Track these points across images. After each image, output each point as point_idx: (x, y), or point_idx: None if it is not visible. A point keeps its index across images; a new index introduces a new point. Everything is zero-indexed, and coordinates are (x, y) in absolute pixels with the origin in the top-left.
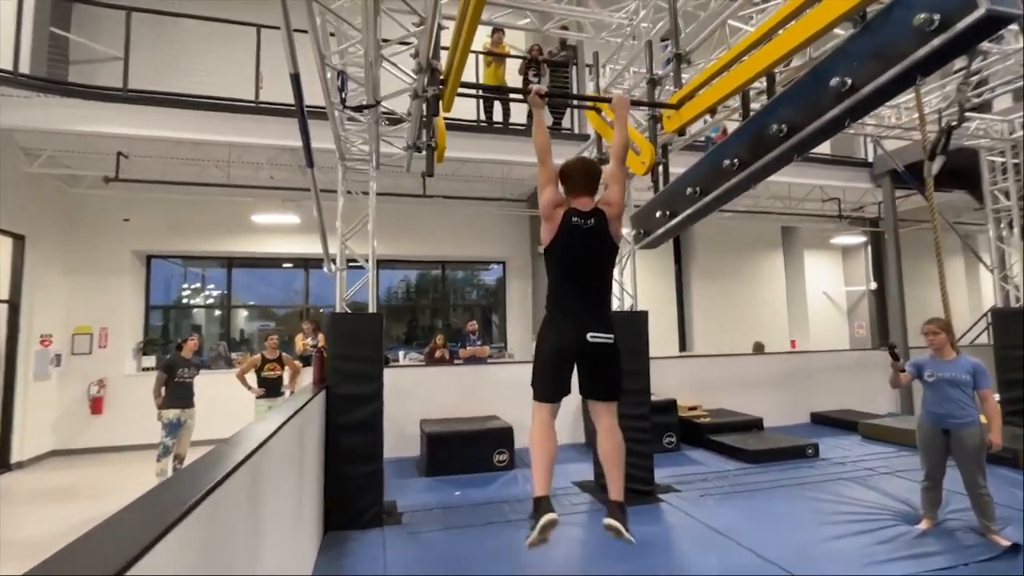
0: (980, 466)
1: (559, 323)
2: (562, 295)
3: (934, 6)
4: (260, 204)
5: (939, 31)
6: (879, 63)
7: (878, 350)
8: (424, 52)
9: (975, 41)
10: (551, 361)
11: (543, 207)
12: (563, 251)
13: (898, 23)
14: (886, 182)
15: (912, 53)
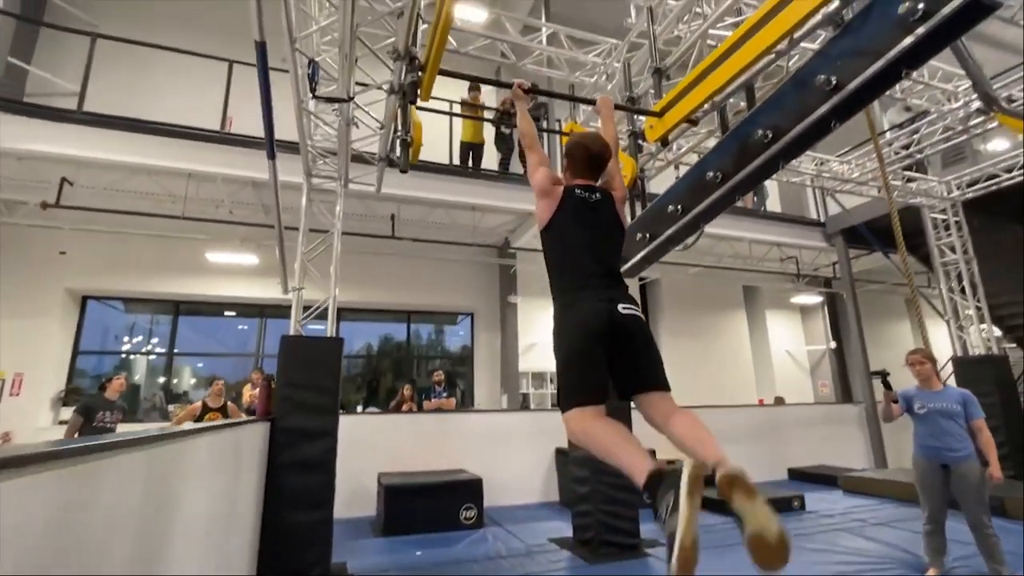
0: (984, 503)
1: (579, 299)
2: (574, 270)
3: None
4: (216, 243)
5: (923, 19)
6: (864, 59)
7: (845, 404)
8: (404, 38)
9: (959, 30)
10: (583, 347)
11: (539, 185)
12: (569, 223)
13: (880, 18)
14: (839, 241)
15: (897, 44)
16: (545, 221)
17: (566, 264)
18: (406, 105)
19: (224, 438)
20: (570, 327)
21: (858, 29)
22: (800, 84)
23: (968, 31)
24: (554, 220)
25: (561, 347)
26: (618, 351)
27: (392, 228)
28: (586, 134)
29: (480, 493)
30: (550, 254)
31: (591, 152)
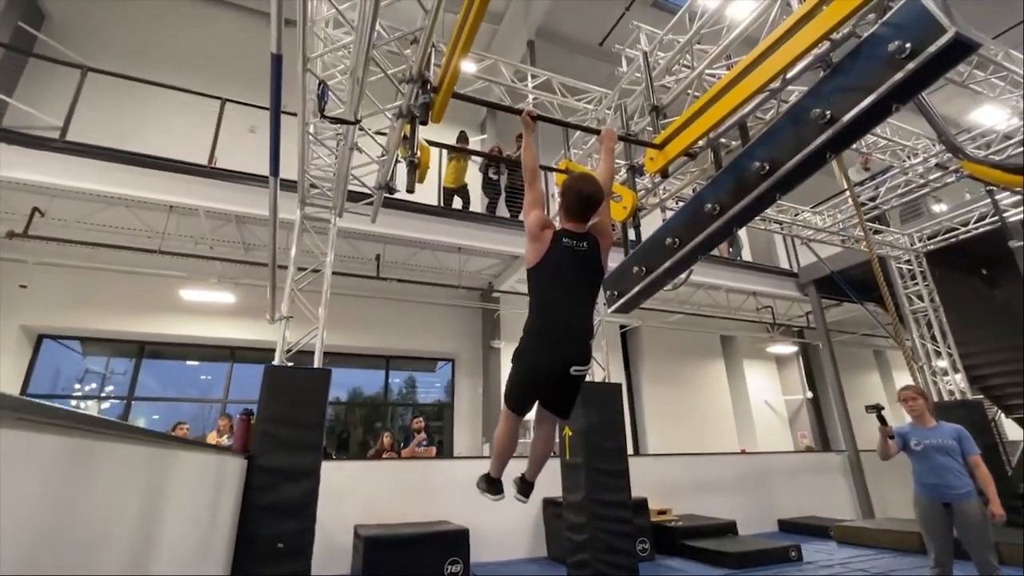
0: (989, 544)
1: (541, 349)
2: (546, 318)
3: (905, 35)
4: (191, 280)
5: (911, 57)
6: (856, 95)
7: (828, 452)
8: (418, 61)
9: (945, 66)
10: (528, 384)
11: (531, 226)
12: (551, 271)
13: (869, 57)
14: (812, 291)
15: (887, 80)
16: (532, 263)
17: (541, 310)
18: (415, 127)
19: (207, 463)
20: (527, 364)
21: (848, 68)
22: (795, 119)
23: (952, 67)
24: (539, 265)
25: (518, 370)
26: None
27: (377, 269)
28: (582, 177)
29: (467, 545)
30: (532, 291)
31: (583, 196)
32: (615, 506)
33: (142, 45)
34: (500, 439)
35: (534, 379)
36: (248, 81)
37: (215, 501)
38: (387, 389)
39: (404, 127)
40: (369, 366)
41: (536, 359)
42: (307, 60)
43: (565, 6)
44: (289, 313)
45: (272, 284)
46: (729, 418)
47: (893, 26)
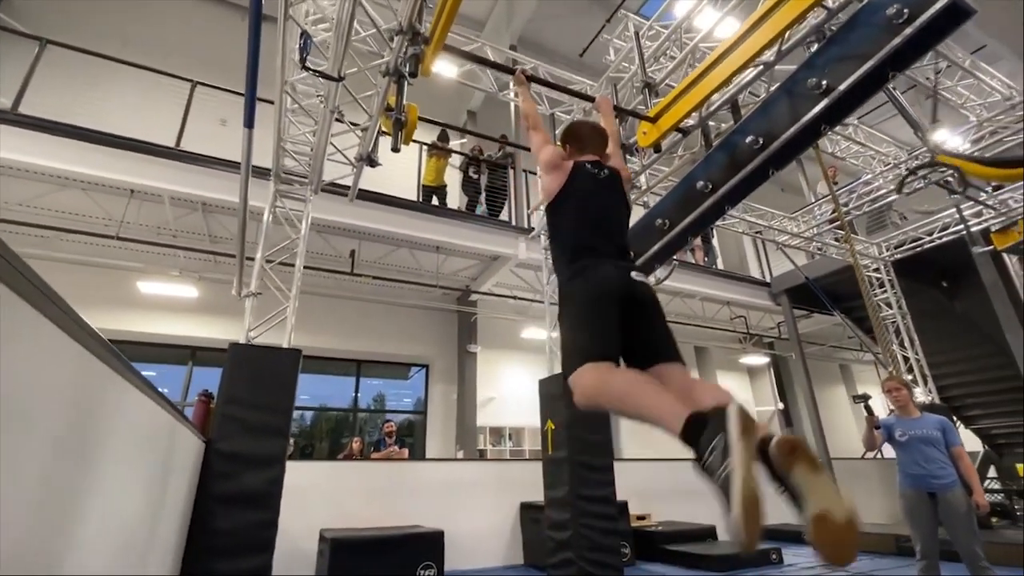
0: (975, 534)
1: (592, 265)
2: (584, 241)
3: (903, 1)
4: (150, 273)
5: (909, 21)
6: (852, 62)
7: None
8: (408, 12)
9: (941, 32)
10: (596, 306)
11: (549, 158)
12: (579, 196)
13: (866, 23)
14: (785, 300)
15: (885, 46)
16: (554, 193)
17: (576, 236)
18: (403, 85)
19: (161, 422)
20: (583, 289)
21: (844, 38)
22: (789, 91)
23: (947, 35)
24: (563, 193)
25: (571, 310)
26: (631, 321)
27: (352, 266)
28: (586, 121)
29: (441, 549)
30: (559, 227)
31: (593, 127)
32: (600, 502)
33: (111, 28)
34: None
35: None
36: (221, 72)
37: (162, 483)
38: (357, 393)
39: (390, 91)
40: (339, 371)
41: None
42: (289, 5)
43: (546, 16)
44: (258, 289)
45: (240, 253)
46: None
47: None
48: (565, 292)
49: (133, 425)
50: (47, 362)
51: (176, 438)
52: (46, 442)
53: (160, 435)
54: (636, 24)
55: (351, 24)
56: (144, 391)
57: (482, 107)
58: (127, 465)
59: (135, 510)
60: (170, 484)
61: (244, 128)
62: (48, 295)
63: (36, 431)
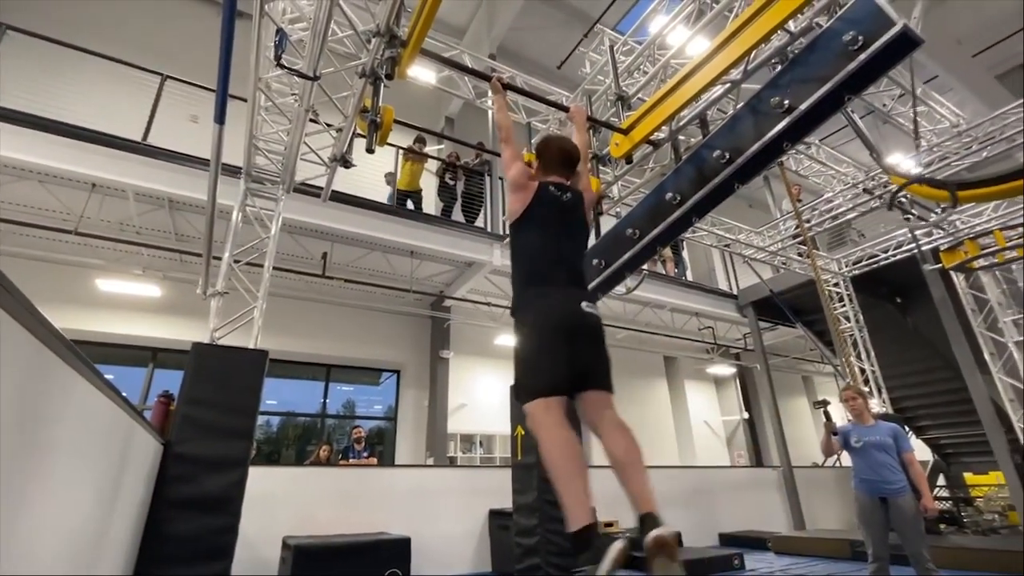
0: (922, 536)
1: (545, 297)
2: (542, 265)
3: (857, 28)
4: (111, 271)
5: (863, 48)
6: (812, 84)
7: (765, 468)
8: (386, 15)
9: (893, 58)
10: (547, 339)
11: (515, 178)
12: (540, 219)
13: (825, 48)
14: (751, 312)
15: (841, 70)
16: (518, 213)
17: (534, 257)
18: (379, 87)
19: (117, 420)
20: (535, 318)
21: (805, 60)
22: (754, 109)
23: (899, 62)
24: (526, 214)
25: (526, 332)
26: (574, 348)
27: (323, 268)
28: (559, 137)
29: (407, 555)
30: (519, 246)
31: (564, 149)
32: None
33: (79, 18)
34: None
35: (549, 327)
36: (193, 67)
37: (115, 484)
38: (326, 399)
39: (366, 93)
40: (307, 376)
41: (543, 309)
42: (265, 1)
43: (526, 27)
44: (224, 289)
45: (207, 251)
46: (671, 437)
47: (847, 20)
48: (518, 319)
49: (83, 420)
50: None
51: (133, 438)
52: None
53: (115, 434)
54: (611, 38)
55: (328, 24)
56: (98, 385)
57: (460, 113)
58: (78, 463)
59: (84, 511)
60: (124, 486)
61: (214, 124)
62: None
63: None
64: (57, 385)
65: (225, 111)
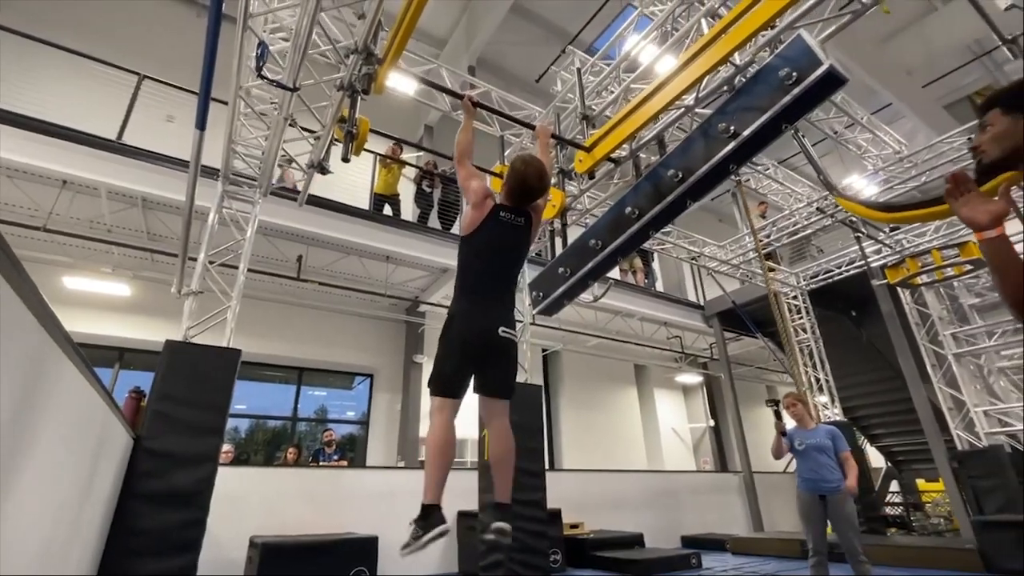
0: (856, 531)
1: (471, 312)
2: (476, 284)
3: (792, 65)
4: (79, 268)
5: (796, 83)
6: (754, 113)
7: (727, 473)
8: (364, 34)
9: (823, 94)
10: (458, 352)
11: (475, 194)
12: (485, 240)
13: (765, 81)
14: (716, 323)
15: (778, 102)
16: (468, 230)
17: (471, 277)
18: (355, 101)
19: (98, 409)
20: (458, 329)
21: (749, 90)
22: (705, 132)
23: (828, 96)
24: (475, 234)
25: (446, 340)
26: (485, 360)
27: (298, 271)
28: (531, 166)
29: (374, 555)
30: (463, 259)
31: (527, 187)
32: (531, 505)
33: (56, 15)
34: (435, 443)
35: (465, 344)
36: (170, 67)
37: (91, 474)
38: (297, 403)
39: (343, 104)
40: (279, 378)
41: (466, 322)
42: (249, 16)
43: (506, 40)
44: (199, 289)
45: (183, 252)
46: (640, 444)
47: (783, 57)
48: (449, 318)
49: (69, 406)
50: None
51: (108, 429)
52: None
53: (95, 424)
54: (581, 59)
55: (309, 38)
56: (84, 373)
57: (440, 122)
58: (61, 450)
59: (61, 499)
60: (98, 476)
61: (195, 130)
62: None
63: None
64: (53, 370)
65: (206, 118)
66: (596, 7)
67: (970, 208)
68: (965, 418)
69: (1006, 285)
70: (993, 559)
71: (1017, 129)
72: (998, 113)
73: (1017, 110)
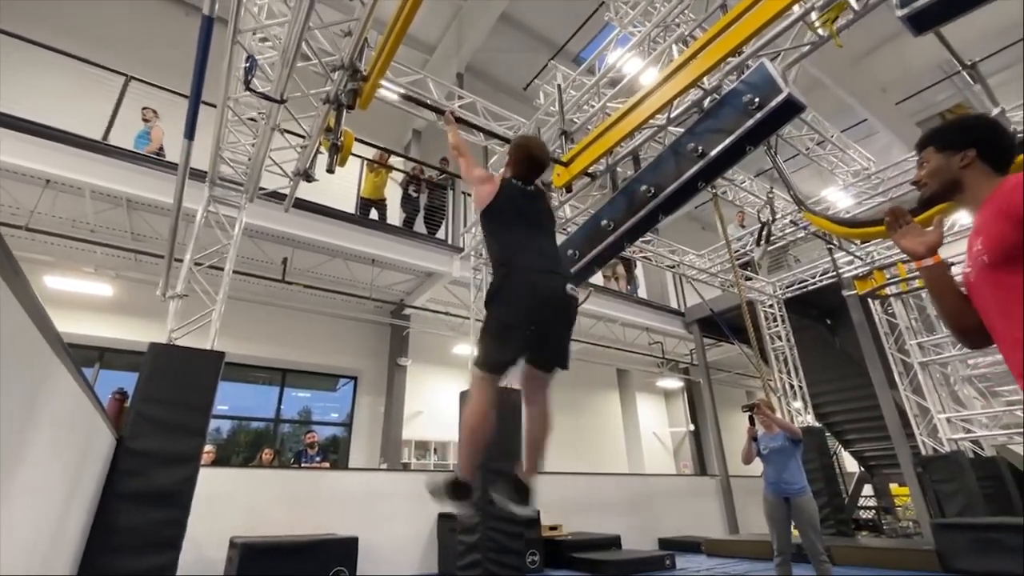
0: (817, 532)
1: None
2: (516, 245)
3: (755, 92)
4: (61, 268)
5: (759, 108)
6: (720, 135)
7: (704, 476)
8: (350, 50)
9: (783, 118)
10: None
11: (479, 175)
12: (508, 206)
13: (730, 105)
14: (696, 329)
15: (742, 125)
16: (487, 202)
17: (507, 242)
18: (341, 114)
19: (86, 409)
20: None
21: (716, 113)
22: (675, 151)
23: (788, 121)
24: (494, 202)
25: (499, 308)
26: (549, 324)
27: (283, 273)
28: (532, 139)
29: (354, 555)
30: (494, 230)
31: (533, 156)
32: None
33: (42, 13)
34: (473, 418)
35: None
36: (155, 65)
37: (78, 472)
38: (280, 404)
39: (329, 116)
40: (263, 380)
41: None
42: (237, 32)
43: (495, 48)
44: (184, 291)
45: (169, 254)
46: (621, 448)
47: (747, 84)
48: (495, 284)
49: (61, 408)
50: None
51: (94, 430)
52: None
53: (82, 424)
54: (564, 75)
55: (296, 53)
56: (73, 373)
57: (427, 127)
58: (51, 449)
59: (52, 498)
60: (84, 475)
61: (184, 139)
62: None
63: None
64: (46, 372)
65: (195, 128)
66: (584, 18)
67: (908, 240)
68: (929, 424)
69: (943, 308)
70: (950, 560)
71: (948, 165)
72: (932, 151)
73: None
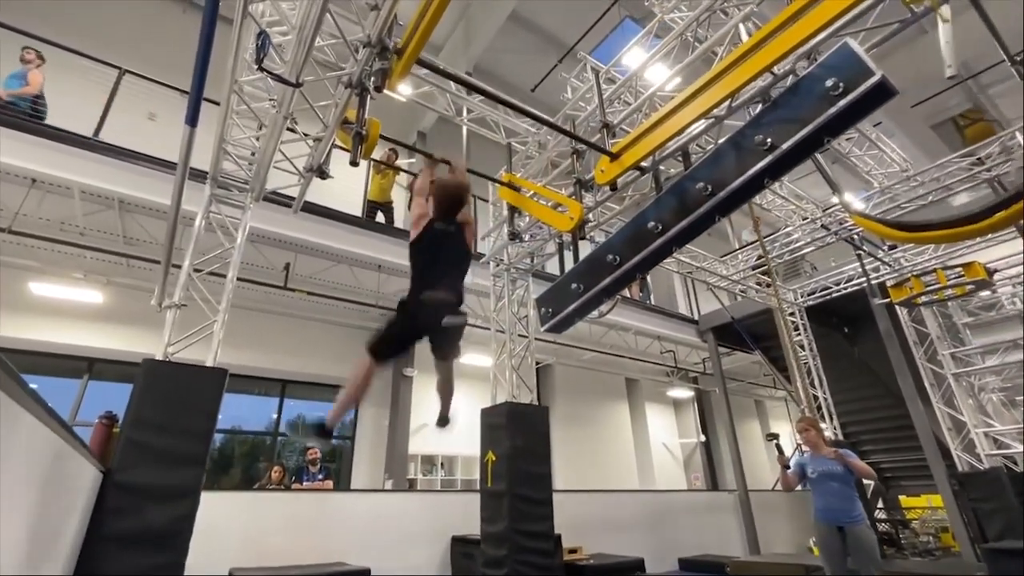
0: (878, 564)
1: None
2: (424, 277)
3: (838, 75)
4: (47, 273)
5: (843, 95)
6: (794, 125)
7: (722, 492)
8: (379, 27)
9: (870, 105)
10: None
11: (415, 216)
12: (427, 244)
13: (807, 92)
14: (710, 338)
15: (822, 113)
16: (412, 239)
17: (420, 273)
18: (366, 98)
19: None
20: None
21: (787, 102)
22: (737, 144)
23: (876, 108)
24: (419, 239)
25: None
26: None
27: (285, 280)
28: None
29: None
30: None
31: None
32: (538, 537)
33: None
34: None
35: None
36: (150, 61)
37: (42, 520)
38: (279, 416)
39: (350, 104)
40: (259, 390)
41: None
42: (249, 2)
43: (503, 48)
44: (182, 301)
45: (166, 260)
46: (631, 459)
47: (828, 67)
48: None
49: (20, 455)
50: None
51: (67, 466)
52: None
53: (45, 461)
54: (594, 66)
55: (316, 30)
56: (29, 407)
57: (433, 128)
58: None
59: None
60: (53, 521)
61: (185, 125)
62: None
63: None
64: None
65: (198, 113)
66: (594, 18)
67: None
68: (965, 439)
69: None
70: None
71: None
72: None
73: None
